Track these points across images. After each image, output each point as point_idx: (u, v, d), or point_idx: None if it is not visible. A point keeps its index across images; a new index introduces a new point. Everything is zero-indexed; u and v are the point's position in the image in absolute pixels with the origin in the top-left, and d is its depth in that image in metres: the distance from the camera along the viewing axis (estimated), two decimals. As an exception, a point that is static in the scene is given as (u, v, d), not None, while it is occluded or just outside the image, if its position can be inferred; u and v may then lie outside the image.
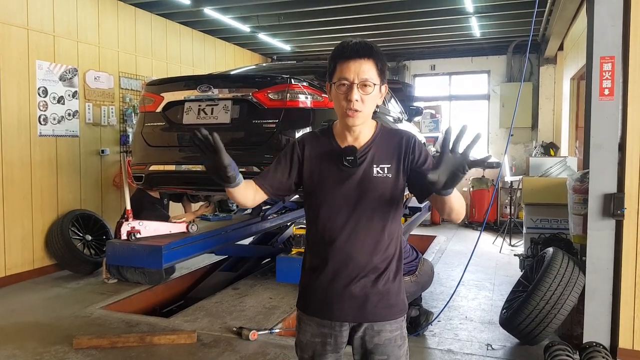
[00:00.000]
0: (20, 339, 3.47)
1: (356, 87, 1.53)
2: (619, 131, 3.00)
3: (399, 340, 1.66)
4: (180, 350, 3.27)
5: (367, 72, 1.54)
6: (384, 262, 1.62)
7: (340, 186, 1.61)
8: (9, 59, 4.83)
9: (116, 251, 4.00)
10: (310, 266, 1.70)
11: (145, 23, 6.56)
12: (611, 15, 2.96)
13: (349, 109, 1.54)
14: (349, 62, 1.54)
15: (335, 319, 1.64)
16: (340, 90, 1.56)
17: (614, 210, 2.97)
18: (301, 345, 1.72)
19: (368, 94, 1.55)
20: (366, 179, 1.59)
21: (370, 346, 1.63)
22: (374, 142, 1.63)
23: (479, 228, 8.22)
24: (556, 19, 6.15)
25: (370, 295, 1.61)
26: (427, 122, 8.96)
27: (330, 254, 1.62)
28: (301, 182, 1.68)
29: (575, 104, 6.98)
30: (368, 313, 1.62)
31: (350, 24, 7.15)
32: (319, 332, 1.67)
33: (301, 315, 1.73)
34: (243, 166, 3.59)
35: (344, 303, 1.62)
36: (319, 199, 1.64)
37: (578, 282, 3.19)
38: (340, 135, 1.66)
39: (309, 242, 1.72)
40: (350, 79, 1.53)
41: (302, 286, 1.73)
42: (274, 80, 3.63)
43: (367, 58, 1.54)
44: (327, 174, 1.63)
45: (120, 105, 6.11)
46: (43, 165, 5.19)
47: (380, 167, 1.60)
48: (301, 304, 1.73)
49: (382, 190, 1.60)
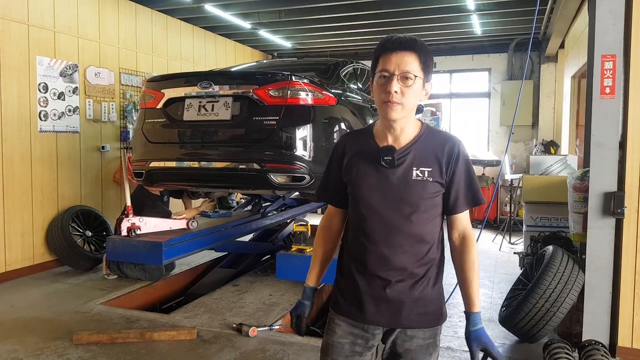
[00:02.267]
0: (21, 334, 3.48)
1: (396, 79, 1.50)
2: (619, 130, 2.99)
3: (430, 349, 1.62)
4: (180, 346, 3.28)
5: (408, 65, 1.50)
6: (422, 267, 1.59)
7: (378, 187, 1.57)
8: (10, 55, 4.82)
9: (116, 247, 4.02)
10: (346, 267, 1.66)
11: (146, 19, 6.55)
12: (613, 13, 2.95)
13: (387, 101, 1.51)
14: (391, 54, 1.51)
15: (369, 322, 1.61)
16: (380, 82, 1.53)
17: (614, 209, 2.97)
18: (325, 348, 1.68)
19: (408, 87, 1.51)
20: (405, 181, 1.55)
21: (401, 350, 1.61)
22: (416, 144, 1.58)
23: (479, 226, 8.19)
24: (557, 17, 6.14)
25: (405, 300, 1.57)
26: (427, 119, 8.95)
27: (366, 256, 1.59)
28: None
29: (576, 102, 6.98)
30: (402, 318, 1.59)
31: (351, 21, 7.13)
32: (349, 332, 1.64)
33: (333, 315, 1.69)
34: (243, 163, 3.60)
35: (379, 307, 1.59)
36: (356, 198, 1.62)
37: (577, 281, 3.20)
38: (380, 135, 1.62)
39: (347, 242, 1.69)
40: (391, 70, 1.50)
41: (337, 286, 1.71)
42: (274, 77, 3.62)
43: (409, 51, 1.51)
44: (365, 173, 1.59)
45: (120, 102, 6.10)
46: (43, 161, 5.19)
47: (420, 170, 1.55)
48: (334, 303, 1.70)
49: (421, 194, 1.55)
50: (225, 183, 3.91)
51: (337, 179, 1.68)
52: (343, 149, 1.67)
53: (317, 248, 1.78)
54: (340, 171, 1.66)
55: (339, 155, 1.68)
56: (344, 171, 1.65)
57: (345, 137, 1.75)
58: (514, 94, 8.50)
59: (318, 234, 1.80)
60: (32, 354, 3.16)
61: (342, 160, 1.66)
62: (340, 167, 1.66)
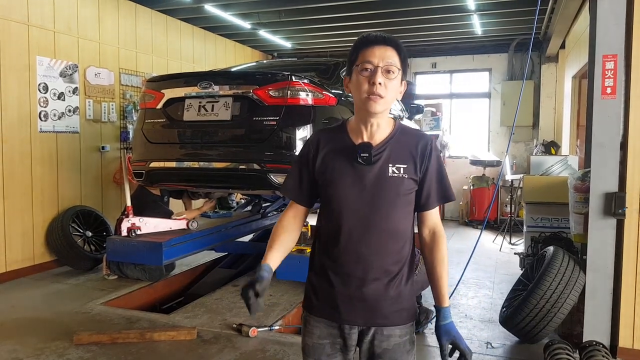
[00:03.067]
0: (21, 334, 3.47)
1: (380, 71, 1.51)
2: (620, 130, 2.99)
3: (407, 345, 1.61)
4: (180, 346, 3.27)
5: (391, 58, 1.52)
6: (396, 264, 1.58)
7: (354, 184, 1.56)
8: (9, 55, 4.81)
9: (116, 247, 4.01)
10: (319, 266, 1.64)
11: (146, 19, 6.55)
12: (614, 13, 2.95)
13: (372, 94, 1.50)
14: (374, 47, 1.53)
15: (344, 322, 1.59)
16: (364, 74, 1.52)
17: (615, 210, 2.96)
18: (306, 349, 1.66)
19: (391, 80, 1.52)
20: (381, 177, 1.55)
21: (379, 351, 1.59)
22: (391, 141, 1.58)
23: (479, 226, 8.22)
24: (558, 17, 6.13)
25: (381, 299, 1.57)
26: (427, 120, 8.95)
27: (340, 254, 1.57)
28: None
29: (577, 103, 6.97)
30: (378, 317, 1.58)
31: (351, 21, 7.13)
32: (328, 333, 1.62)
33: (308, 316, 1.67)
34: (243, 163, 3.60)
35: (354, 306, 1.57)
36: (331, 196, 1.59)
37: (578, 281, 3.19)
38: (355, 131, 1.61)
39: (320, 240, 1.66)
40: (374, 62, 1.51)
41: (310, 286, 1.68)
42: (274, 77, 3.62)
43: (391, 46, 1.54)
44: (341, 171, 1.58)
45: (120, 102, 6.10)
46: (43, 162, 5.19)
47: (396, 167, 1.55)
48: (308, 305, 1.67)
49: (397, 191, 1.55)
50: (225, 183, 3.91)
51: (309, 177, 1.65)
52: (317, 146, 1.63)
53: (276, 238, 1.66)
54: (314, 169, 1.63)
55: (312, 152, 1.63)
56: (317, 169, 1.62)
57: (318, 133, 1.71)
58: (514, 94, 8.49)
59: (276, 230, 1.67)
60: (33, 354, 3.15)
61: (316, 158, 1.62)
62: (314, 164, 1.62)
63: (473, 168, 8.74)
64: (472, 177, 8.62)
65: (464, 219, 8.74)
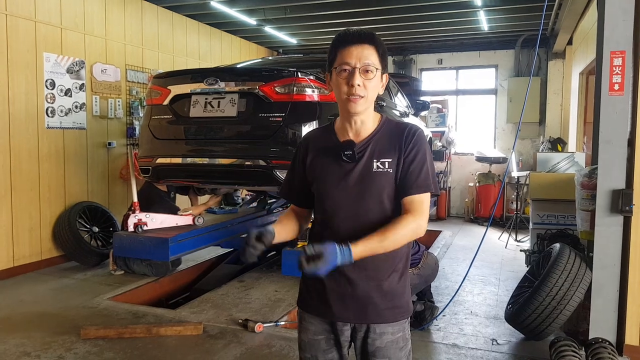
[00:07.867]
0: (29, 328, 3.51)
1: (358, 72, 1.51)
2: (628, 127, 2.97)
3: (401, 342, 1.61)
4: (186, 341, 3.30)
5: (369, 57, 1.52)
6: (389, 261, 1.57)
7: (340, 182, 1.57)
8: (17, 51, 4.84)
9: (123, 243, 4.03)
10: None
11: (152, 16, 6.56)
12: (623, 9, 2.92)
13: (351, 95, 1.51)
14: (351, 48, 1.52)
15: (336, 319, 1.61)
16: (342, 76, 1.53)
17: (622, 207, 2.94)
18: (302, 345, 1.69)
19: (370, 79, 1.52)
20: (366, 174, 1.55)
21: (372, 349, 1.60)
22: (375, 136, 1.59)
23: (484, 223, 8.20)
24: (565, 12, 6.09)
25: (374, 296, 1.56)
26: (433, 116, 8.92)
27: None
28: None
29: (584, 99, 6.93)
30: (371, 314, 1.58)
31: (357, 17, 7.11)
32: (322, 329, 1.64)
33: (302, 313, 1.70)
34: (249, 159, 3.60)
35: (346, 303, 1.58)
36: (320, 194, 1.62)
37: (585, 278, 3.18)
38: (340, 130, 1.63)
39: (312, 238, 1.67)
40: (352, 63, 1.51)
41: (304, 284, 1.70)
42: (280, 73, 3.62)
43: (368, 44, 1.53)
44: (328, 169, 1.60)
45: (126, 98, 6.12)
46: (50, 157, 5.22)
47: (380, 162, 1.55)
48: (302, 302, 1.70)
49: (383, 186, 1.54)
50: (231, 180, 3.92)
51: (301, 178, 1.68)
52: (306, 147, 1.67)
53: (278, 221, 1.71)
54: (305, 170, 1.66)
55: (302, 153, 1.68)
56: (308, 169, 1.65)
57: (308, 135, 1.76)
58: (521, 90, 8.44)
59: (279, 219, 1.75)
60: (40, 348, 3.18)
61: (306, 158, 1.66)
62: (305, 165, 1.66)
63: (479, 165, 8.71)
64: (478, 174, 8.60)
65: (469, 215, 8.72)
